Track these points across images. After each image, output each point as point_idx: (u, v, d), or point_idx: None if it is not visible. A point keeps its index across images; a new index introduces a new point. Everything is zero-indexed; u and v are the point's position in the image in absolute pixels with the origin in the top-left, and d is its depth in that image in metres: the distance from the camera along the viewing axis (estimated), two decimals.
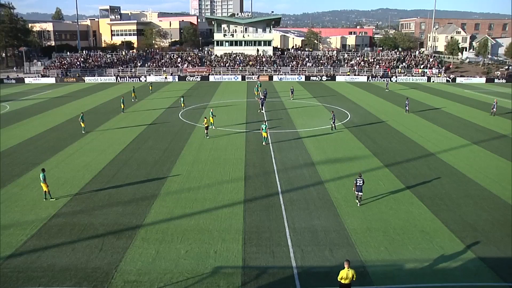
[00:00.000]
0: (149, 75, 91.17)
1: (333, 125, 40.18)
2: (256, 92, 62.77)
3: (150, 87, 71.32)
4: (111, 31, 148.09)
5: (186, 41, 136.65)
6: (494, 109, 48.92)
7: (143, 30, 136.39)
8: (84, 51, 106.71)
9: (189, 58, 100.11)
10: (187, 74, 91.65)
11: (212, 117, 41.01)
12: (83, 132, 38.97)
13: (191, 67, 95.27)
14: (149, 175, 27.43)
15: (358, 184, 21.74)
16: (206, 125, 37.29)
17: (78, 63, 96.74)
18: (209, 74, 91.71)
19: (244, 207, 22.36)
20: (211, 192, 24.61)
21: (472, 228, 20.08)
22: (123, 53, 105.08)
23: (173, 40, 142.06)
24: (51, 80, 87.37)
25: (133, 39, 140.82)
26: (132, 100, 58.47)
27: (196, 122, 43.79)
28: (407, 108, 50.19)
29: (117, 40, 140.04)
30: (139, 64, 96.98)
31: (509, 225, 20.35)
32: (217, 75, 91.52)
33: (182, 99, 53.25)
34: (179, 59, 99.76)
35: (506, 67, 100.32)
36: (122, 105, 50.33)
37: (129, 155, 32.22)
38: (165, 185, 25.62)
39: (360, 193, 21.97)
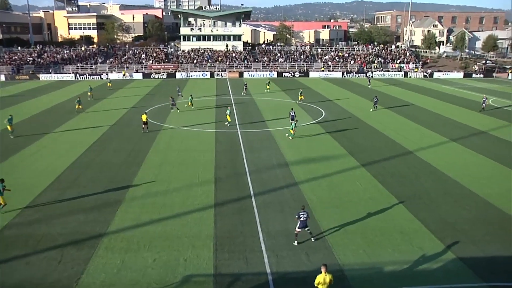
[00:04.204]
0: (111, 72, 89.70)
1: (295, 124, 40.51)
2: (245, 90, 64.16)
3: (109, 84, 70.43)
4: (68, 24, 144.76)
5: (150, 36, 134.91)
6: (484, 105, 50.39)
7: (103, 24, 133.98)
8: (37, 46, 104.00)
9: (154, 54, 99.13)
10: (152, 71, 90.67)
11: (229, 115, 41.63)
12: (11, 137, 37.07)
13: (156, 64, 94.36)
14: (113, 179, 27.02)
15: (302, 219, 18.82)
16: (144, 121, 38.76)
17: (31, 59, 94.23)
18: (175, 71, 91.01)
19: (215, 211, 22.30)
20: (179, 196, 24.44)
21: (452, 227, 20.61)
22: (82, 48, 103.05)
23: (136, 34, 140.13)
24: (0, 78, 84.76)
25: (93, 33, 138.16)
26: (88, 99, 57.20)
27: (163, 122, 43.43)
28: (375, 105, 50.47)
29: (75, 34, 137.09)
30: (100, 61, 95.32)
31: (488, 224, 20.99)
32: (184, 72, 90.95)
33: (190, 97, 52.55)
34: (144, 55, 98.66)
35: (484, 61, 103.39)
36: (77, 106, 48.62)
37: (91, 158, 31.66)
38: (130, 190, 25.28)
39: (306, 229, 18.98)
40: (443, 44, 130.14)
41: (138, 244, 18.98)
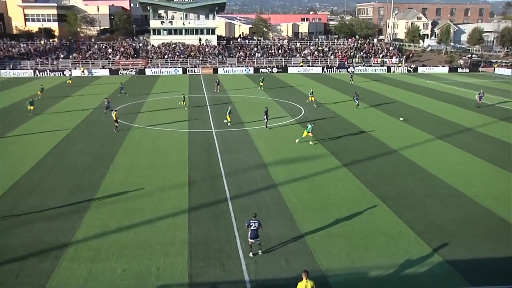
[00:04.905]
0: (75, 68, 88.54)
1: (266, 123, 40.62)
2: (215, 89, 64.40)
3: (69, 81, 69.89)
4: (24, 15, 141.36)
5: (117, 29, 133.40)
6: (481, 101, 51.24)
7: (65, 15, 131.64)
8: None
9: (122, 49, 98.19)
10: (119, 67, 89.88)
11: (229, 115, 41.70)
12: None
13: (124, 59, 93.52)
14: (78, 184, 26.66)
15: (252, 228, 18.24)
16: (115, 119, 39.09)
17: None
18: (145, 67, 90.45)
19: (189, 216, 22.23)
20: (151, 200, 24.28)
21: (439, 229, 20.97)
22: (42, 42, 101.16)
23: (102, 27, 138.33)
24: None
25: (53, 25, 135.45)
26: (37, 98, 55.05)
27: (132, 122, 43.04)
28: (357, 102, 50.66)
29: (33, 26, 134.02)
30: (62, 56, 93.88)
31: (476, 224, 21.43)
32: (154, 67, 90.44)
33: (183, 97, 52.24)
34: (110, 50, 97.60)
35: (469, 55, 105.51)
36: (30, 107, 46.60)
37: (54, 161, 31.16)
38: (98, 195, 24.97)
39: (257, 240, 18.47)
40: (427, 37, 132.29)
41: (106, 253, 18.76)
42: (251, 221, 18.37)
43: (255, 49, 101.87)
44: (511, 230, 20.76)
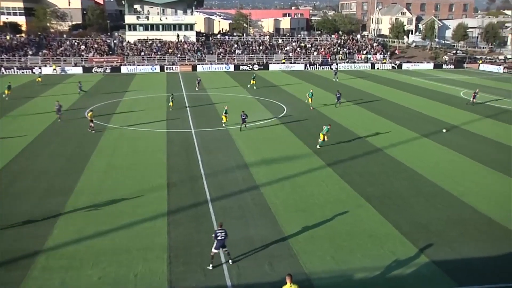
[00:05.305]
0: (45, 65, 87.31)
1: (243, 126, 39.73)
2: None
3: (38, 79, 68.51)
4: None
5: (90, 25, 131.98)
6: (475, 99, 51.62)
7: (33, 9, 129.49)
8: None
9: (96, 46, 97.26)
10: (93, 65, 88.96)
11: (226, 115, 40.92)
12: None
13: (98, 57, 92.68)
14: (50, 188, 26.30)
15: (219, 238, 17.76)
16: (91, 119, 38.85)
17: None
18: (120, 65, 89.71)
19: (168, 220, 22.13)
20: (128, 204, 24.09)
21: (425, 229, 21.22)
22: (7, 37, 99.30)
23: (74, 23, 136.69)
24: None
25: (20, 19, 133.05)
26: (6, 99, 53.92)
27: (107, 122, 42.64)
28: (338, 101, 50.59)
29: None
30: (30, 52, 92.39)
31: (462, 223, 21.74)
32: (130, 65, 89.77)
33: (171, 97, 50.04)
34: (83, 46, 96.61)
35: (454, 51, 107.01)
36: None
37: (24, 164, 30.66)
38: (71, 199, 24.66)
39: (225, 250, 18.16)
40: (411, 33, 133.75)
41: (81, 260, 18.51)
42: (218, 231, 17.85)
43: (236, 45, 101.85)
44: (497, 229, 21.15)
